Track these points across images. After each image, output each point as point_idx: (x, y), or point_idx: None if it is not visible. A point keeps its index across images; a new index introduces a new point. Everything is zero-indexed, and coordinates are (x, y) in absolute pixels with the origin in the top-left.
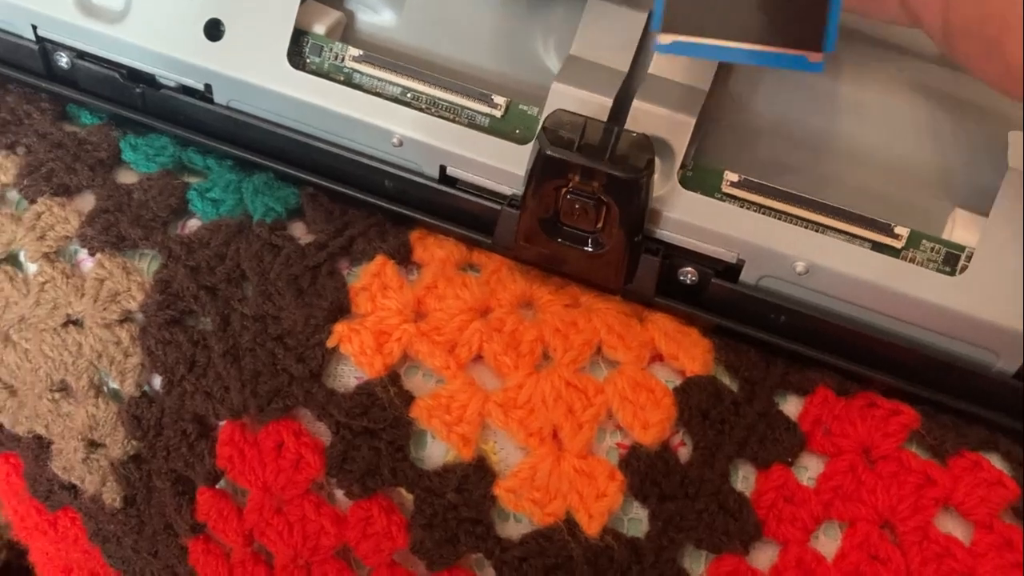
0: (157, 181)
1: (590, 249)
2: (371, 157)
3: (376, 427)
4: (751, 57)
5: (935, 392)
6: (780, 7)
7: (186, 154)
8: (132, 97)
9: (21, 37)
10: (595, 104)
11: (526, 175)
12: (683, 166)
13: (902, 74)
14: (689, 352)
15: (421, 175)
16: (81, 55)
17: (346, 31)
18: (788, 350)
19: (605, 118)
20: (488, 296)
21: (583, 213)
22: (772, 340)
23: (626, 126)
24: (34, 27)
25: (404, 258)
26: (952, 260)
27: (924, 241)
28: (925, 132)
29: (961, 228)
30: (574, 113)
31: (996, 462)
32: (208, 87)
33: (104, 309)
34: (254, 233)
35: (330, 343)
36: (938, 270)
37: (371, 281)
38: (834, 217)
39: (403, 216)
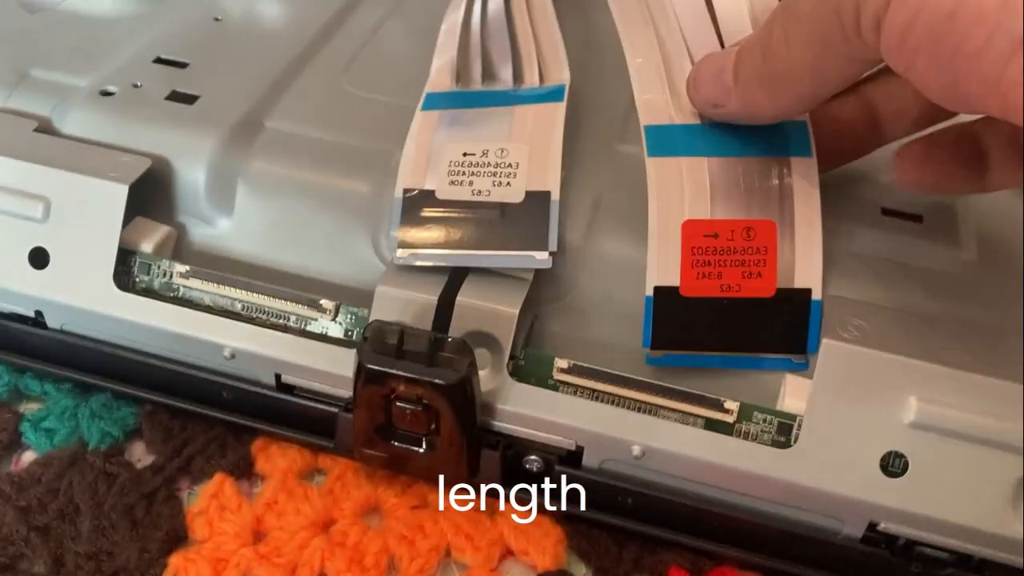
0: None
1: (424, 451)
2: (207, 370)
3: None
4: (737, 363)
5: (788, 563)
6: (764, 320)
7: (23, 381)
8: None
9: None
10: (420, 304)
11: (352, 384)
12: (513, 356)
13: None
14: (539, 545)
15: (258, 384)
16: None
17: (179, 243)
18: (640, 532)
19: (431, 317)
20: (331, 506)
21: (414, 418)
22: (622, 524)
23: (452, 323)
24: None
25: (245, 471)
26: (786, 429)
27: (756, 413)
28: None
29: (791, 396)
30: (391, 323)
31: None
32: (39, 313)
33: None
34: (88, 463)
35: None
36: (773, 441)
37: (208, 503)
38: (665, 396)
39: (243, 426)
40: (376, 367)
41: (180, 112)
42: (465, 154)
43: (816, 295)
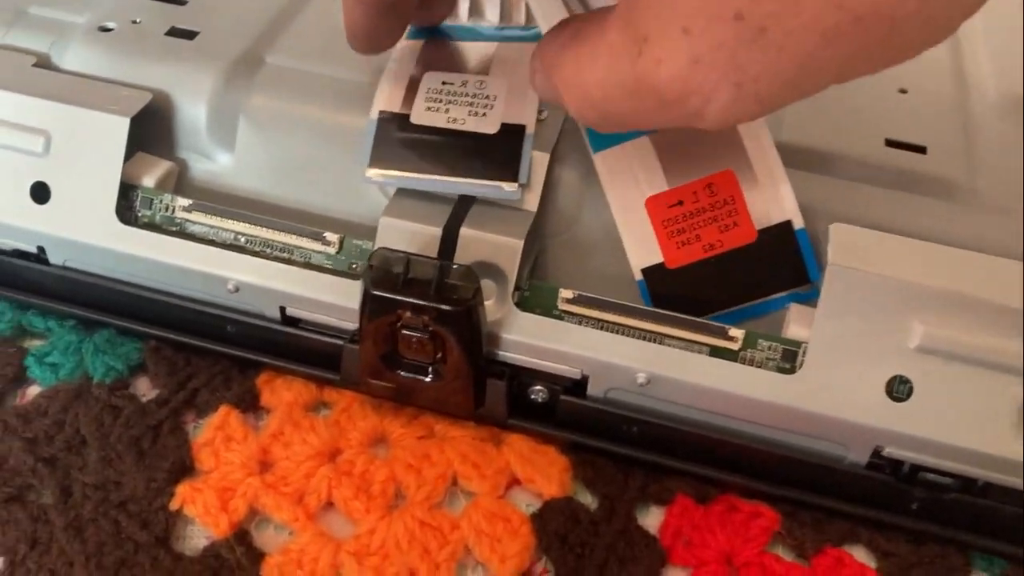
0: None
1: (430, 380)
2: (211, 304)
3: None
4: (749, 312)
5: (792, 490)
6: (758, 264)
7: (26, 318)
8: None
9: None
10: (425, 235)
11: (359, 314)
12: (518, 288)
13: None
14: (545, 473)
15: (262, 317)
16: None
17: (181, 179)
18: (645, 461)
19: (436, 249)
20: (337, 437)
21: (420, 346)
22: (627, 452)
23: (456, 254)
24: None
25: (250, 404)
26: (791, 356)
27: (760, 340)
28: None
29: (796, 324)
30: (396, 250)
31: (860, 555)
32: (41, 249)
33: None
34: (93, 396)
35: (173, 505)
36: (778, 368)
37: (214, 435)
38: (669, 325)
39: (248, 360)
40: (382, 294)
41: (180, 47)
42: (444, 83)
43: (798, 224)
